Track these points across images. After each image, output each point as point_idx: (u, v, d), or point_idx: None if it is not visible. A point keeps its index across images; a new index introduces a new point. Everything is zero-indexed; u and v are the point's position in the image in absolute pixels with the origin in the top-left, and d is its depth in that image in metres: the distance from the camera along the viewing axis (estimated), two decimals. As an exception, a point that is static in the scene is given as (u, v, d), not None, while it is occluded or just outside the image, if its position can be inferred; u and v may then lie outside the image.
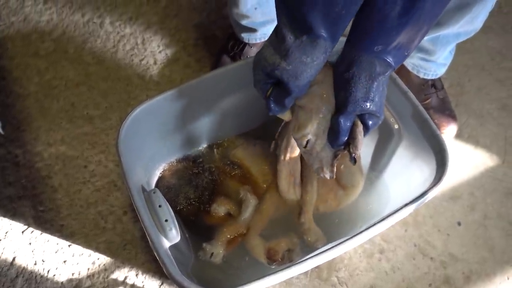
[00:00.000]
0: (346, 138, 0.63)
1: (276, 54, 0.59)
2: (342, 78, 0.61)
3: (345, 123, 0.62)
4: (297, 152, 0.79)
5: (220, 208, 0.86)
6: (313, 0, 0.53)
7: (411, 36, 0.57)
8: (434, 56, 0.99)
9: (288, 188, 0.83)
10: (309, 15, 0.54)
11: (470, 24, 0.90)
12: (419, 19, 0.54)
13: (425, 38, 0.94)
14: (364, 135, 0.64)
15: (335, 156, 0.65)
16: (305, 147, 0.66)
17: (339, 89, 0.62)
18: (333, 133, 0.63)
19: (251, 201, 0.84)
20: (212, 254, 0.82)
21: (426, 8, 0.53)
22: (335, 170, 0.66)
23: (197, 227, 0.88)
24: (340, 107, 0.62)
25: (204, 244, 0.83)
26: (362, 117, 0.63)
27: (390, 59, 0.58)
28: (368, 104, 0.60)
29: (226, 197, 0.88)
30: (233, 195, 0.87)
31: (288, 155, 0.79)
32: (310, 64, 0.58)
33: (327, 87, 0.64)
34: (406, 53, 0.59)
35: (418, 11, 0.53)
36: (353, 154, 0.63)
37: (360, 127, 0.63)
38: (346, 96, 0.61)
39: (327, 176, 0.66)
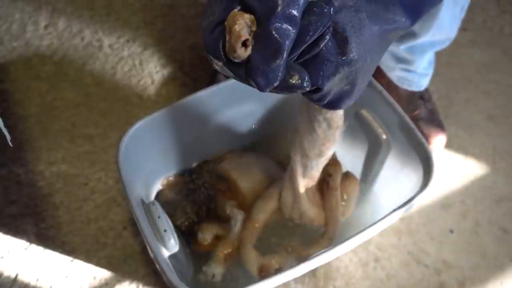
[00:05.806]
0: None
1: None
2: None
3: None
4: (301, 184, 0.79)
5: (206, 235, 0.86)
6: None
7: None
8: (414, 65, 1.04)
9: (292, 207, 0.83)
10: None
11: (441, 31, 0.95)
12: None
13: (402, 47, 1.00)
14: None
15: None
16: None
17: None
18: None
19: (238, 216, 0.85)
20: (213, 275, 0.84)
21: None
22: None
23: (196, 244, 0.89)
24: None
25: (204, 268, 0.85)
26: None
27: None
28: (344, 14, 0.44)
29: (208, 222, 0.88)
30: (222, 212, 0.88)
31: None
32: None
33: None
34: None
35: None
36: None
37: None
38: None
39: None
